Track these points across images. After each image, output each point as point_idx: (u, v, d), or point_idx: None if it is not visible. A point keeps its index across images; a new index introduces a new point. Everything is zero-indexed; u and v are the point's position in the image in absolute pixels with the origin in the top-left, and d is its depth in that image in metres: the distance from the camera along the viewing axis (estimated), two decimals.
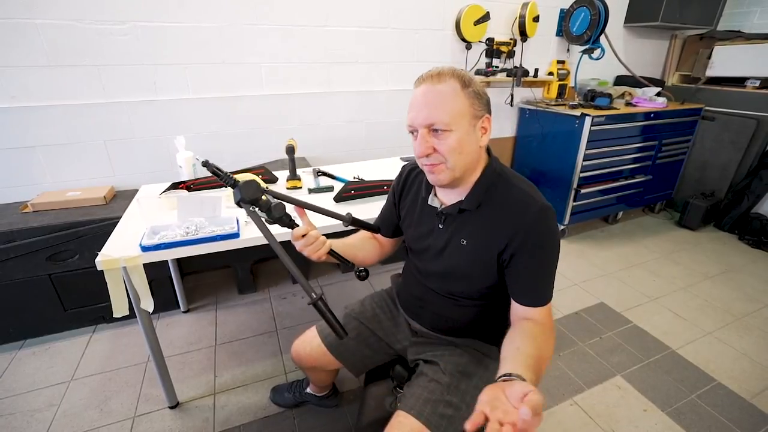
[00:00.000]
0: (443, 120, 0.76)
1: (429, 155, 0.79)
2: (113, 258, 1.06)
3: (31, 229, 1.54)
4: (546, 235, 0.79)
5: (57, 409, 1.40)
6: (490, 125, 0.82)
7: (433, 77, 0.78)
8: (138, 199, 1.46)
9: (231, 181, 0.81)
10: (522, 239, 0.78)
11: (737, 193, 2.76)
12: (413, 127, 0.80)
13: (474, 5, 2.30)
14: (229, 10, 1.87)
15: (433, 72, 0.79)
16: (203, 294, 2.10)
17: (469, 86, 0.78)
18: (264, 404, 1.44)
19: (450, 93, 0.76)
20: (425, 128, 0.78)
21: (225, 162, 2.11)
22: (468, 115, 0.78)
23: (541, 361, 0.70)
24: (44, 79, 1.67)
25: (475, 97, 0.78)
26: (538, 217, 0.78)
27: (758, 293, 2.13)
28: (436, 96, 0.76)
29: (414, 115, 0.79)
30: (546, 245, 0.80)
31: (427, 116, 0.77)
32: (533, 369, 0.65)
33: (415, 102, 0.79)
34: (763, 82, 2.68)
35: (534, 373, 0.64)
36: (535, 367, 0.66)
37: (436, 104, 0.76)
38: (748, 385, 1.53)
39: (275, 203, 0.83)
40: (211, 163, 0.80)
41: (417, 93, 0.79)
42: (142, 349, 1.68)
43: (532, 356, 0.68)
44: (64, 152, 1.80)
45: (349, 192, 1.46)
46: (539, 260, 0.80)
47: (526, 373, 0.62)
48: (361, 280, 0.98)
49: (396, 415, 0.83)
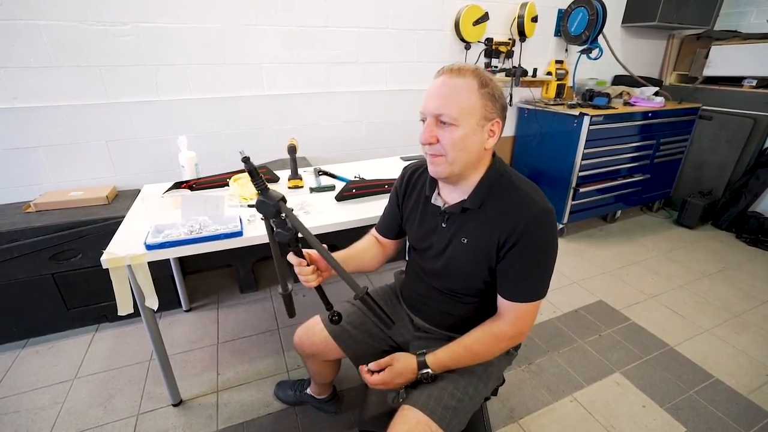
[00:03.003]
0: (451, 113, 0.77)
1: (432, 144, 0.81)
2: (118, 256, 1.07)
3: (34, 229, 1.55)
4: (541, 236, 0.81)
5: (61, 407, 1.41)
6: (499, 130, 0.83)
7: (453, 71, 0.79)
8: (142, 198, 1.47)
9: (263, 186, 0.77)
10: (517, 237, 0.80)
11: (735, 192, 2.79)
12: (424, 114, 0.82)
13: (473, 5, 2.32)
14: (231, 11, 1.88)
15: (455, 66, 0.80)
16: (205, 293, 2.11)
17: (487, 87, 0.79)
18: (267, 401, 1.45)
19: (465, 89, 0.77)
20: (433, 117, 0.80)
21: (226, 161, 2.13)
22: (478, 115, 0.78)
23: (472, 359, 0.89)
24: (46, 80, 1.68)
25: (490, 99, 0.79)
26: (536, 219, 0.80)
27: (755, 291, 2.15)
28: (450, 89, 0.78)
29: (426, 103, 0.81)
30: (540, 246, 0.81)
31: (437, 106, 0.78)
32: (452, 359, 0.88)
33: (431, 91, 0.81)
34: (759, 81, 2.70)
35: (450, 361, 0.88)
36: (456, 360, 0.88)
37: (448, 97, 0.78)
38: (745, 382, 1.55)
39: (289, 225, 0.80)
40: (250, 161, 0.75)
41: (435, 83, 0.81)
42: (144, 347, 1.69)
43: (463, 357, 0.89)
44: (66, 152, 1.81)
45: (351, 191, 1.48)
46: (530, 259, 0.82)
47: (437, 364, 0.88)
48: (333, 324, 0.93)
49: (401, 408, 0.85)
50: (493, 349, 0.88)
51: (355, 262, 1.03)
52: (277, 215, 0.78)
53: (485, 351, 0.88)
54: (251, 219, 1.28)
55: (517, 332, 0.87)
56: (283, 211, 0.78)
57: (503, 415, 1.40)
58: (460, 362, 0.89)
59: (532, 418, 1.39)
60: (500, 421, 1.37)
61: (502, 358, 0.99)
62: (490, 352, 0.89)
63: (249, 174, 0.75)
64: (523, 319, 0.86)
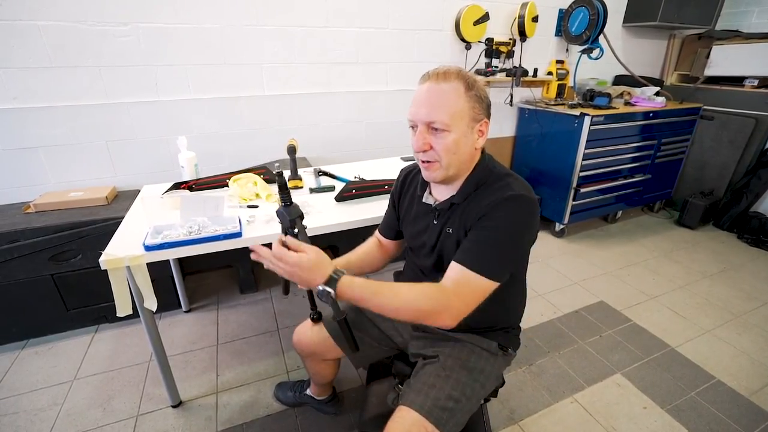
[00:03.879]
0: (443, 120, 0.78)
1: (425, 151, 0.82)
2: (117, 257, 1.06)
3: (34, 230, 1.55)
4: (504, 215, 0.80)
5: (60, 408, 1.41)
6: (487, 129, 0.85)
7: (439, 75, 0.80)
8: (141, 199, 1.47)
9: (288, 200, 0.90)
10: (482, 215, 0.81)
11: (736, 192, 2.78)
12: (414, 122, 0.83)
13: (473, 5, 2.31)
14: (230, 11, 1.88)
15: (439, 70, 0.81)
16: (205, 294, 2.10)
17: (473, 89, 0.80)
18: (266, 403, 1.45)
19: (453, 93, 0.79)
20: (424, 125, 0.81)
21: (225, 162, 2.12)
22: (467, 117, 0.80)
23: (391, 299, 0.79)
24: (46, 81, 1.68)
25: (477, 101, 0.81)
26: (505, 201, 0.80)
27: (757, 291, 2.14)
28: (439, 95, 0.79)
29: (415, 111, 0.81)
30: (499, 226, 0.80)
31: (427, 114, 0.79)
32: (368, 289, 0.78)
33: (418, 98, 0.81)
34: (761, 81, 2.69)
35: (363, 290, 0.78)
36: (372, 290, 0.78)
37: (438, 103, 0.78)
38: (747, 383, 1.54)
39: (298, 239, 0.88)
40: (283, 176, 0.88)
41: (422, 89, 0.82)
42: (144, 348, 1.69)
43: (381, 291, 0.78)
44: (66, 153, 1.81)
45: (351, 192, 1.47)
46: (487, 234, 0.81)
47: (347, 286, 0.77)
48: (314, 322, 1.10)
49: (398, 410, 0.85)
50: (420, 299, 0.78)
51: (355, 268, 1.06)
52: (291, 228, 0.88)
53: (409, 296, 0.78)
54: (250, 220, 1.28)
55: (452, 295, 0.78)
56: (297, 227, 0.88)
57: (503, 416, 1.39)
58: (376, 295, 0.78)
59: (532, 420, 1.38)
60: (500, 423, 1.37)
61: (500, 358, 0.98)
62: (414, 300, 0.78)
63: (279, 187, 0.87)
64: (463, 287, 0.79)
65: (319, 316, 1.09)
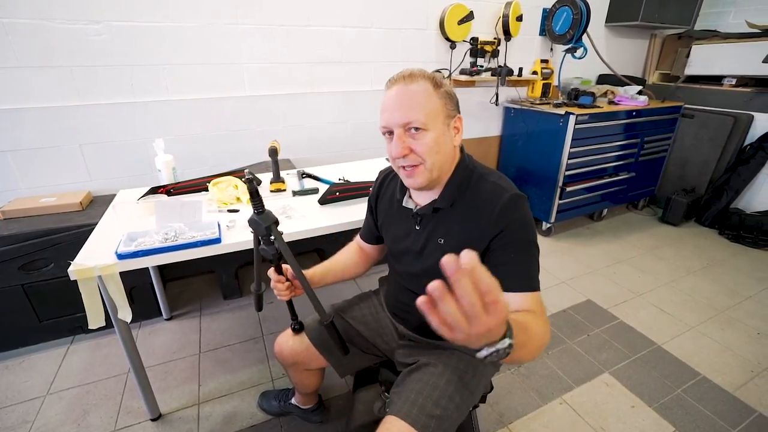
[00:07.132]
0: (419, 119, 0.76)
1: (406, 156, 0.79)
2: (87, 267, 1.01)
3: (2, 238, 1.47)
4: (520, 224, 0.79)
5: (31, 426, 1.34)
6: (462, 125, 0.84)
7: (405, 78, 0.78)
8: (114, 205, 1.41)
9: (260, 207, 0.83)
10: (500, 233, 0.78)
11: (717, 189, 2.83)
12: (388, 128, 0.80)
13: (458, 5, 2.30)
14: (209, 9, 1.82)
15: (404, 73, 0.79)
16: (187, 300, 2.04)
17: (441, 87, 0.79)
18: (250, 413, 1.40)
19: (423, 93, 0.77)
20: (401, 128, 0.78)
21: (207, 165, 2.06)
22: (442, 115, 0.79)
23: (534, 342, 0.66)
24: (13, 81, 1.60)
25: (447, 98, 0.80)
26: (509, 207, 0.78)
27: (739, 287, 2.17)
28: (410, 96, 0.77)
29: (389, 116, 0.78)
30: (522, 235, 0.79)
31: (403, 116, 0.77)
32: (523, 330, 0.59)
33: (389, 103, 0.79)
34: (738, 80, 2.75)
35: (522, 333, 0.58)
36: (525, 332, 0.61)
37: (411, 104, 0.76)
38: (731, 378, 1.55)
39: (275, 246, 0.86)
40: (254, 183, 0.81)
41: (390, 94, 0.79)
42: (122, 359, 1.62)
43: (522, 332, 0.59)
44: (37, 157, 1.73)
45: (334, 194, 1.44)
46: (519, 249, 0.79)
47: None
48: (295, 333, 1.07)
49: (384, 420, 0.82)
50: (546, 332, 0.72)
51: (336, 275, 1.06)
52: (266, 235, 0.84)
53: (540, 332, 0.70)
54: (230, 225, 1.24)
55: (541, 317, 0.74)
56: (273, 234, 0.83)
57: (492, 420, 1.38)
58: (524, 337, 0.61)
59: (522, 422, 1.37)
60: (490, 426, 1.35)
61: (489, 365, 0.96)
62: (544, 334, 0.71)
63: (250, 194, 0.81)
64: (538, 306, 0.76)
65: (300, 327, 1.06)
